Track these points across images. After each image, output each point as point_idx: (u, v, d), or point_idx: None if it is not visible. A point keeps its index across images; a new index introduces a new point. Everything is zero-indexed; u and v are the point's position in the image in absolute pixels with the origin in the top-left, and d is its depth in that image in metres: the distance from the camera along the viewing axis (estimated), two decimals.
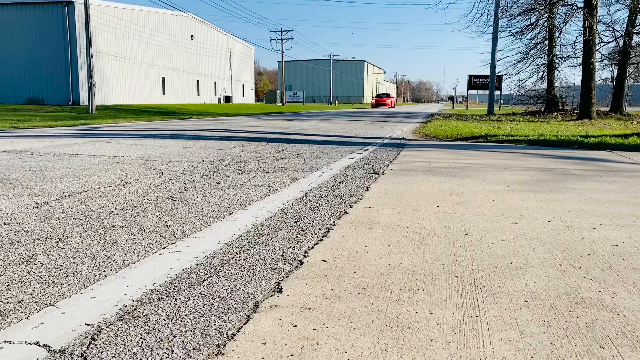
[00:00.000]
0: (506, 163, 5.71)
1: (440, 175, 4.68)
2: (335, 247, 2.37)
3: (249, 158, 5.76)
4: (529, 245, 2.43)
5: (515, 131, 10.88)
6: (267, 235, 2.55)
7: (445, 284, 1.92)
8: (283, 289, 1.84)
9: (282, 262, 2.14)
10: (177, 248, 2.30)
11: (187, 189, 3.77)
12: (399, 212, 3.13)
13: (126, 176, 4.29)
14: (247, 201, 3.36)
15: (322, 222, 2.85)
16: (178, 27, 44.64)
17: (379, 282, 1.92)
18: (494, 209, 3.23)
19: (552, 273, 2.04)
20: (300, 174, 4.61)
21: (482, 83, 36.17)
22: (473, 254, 2.30)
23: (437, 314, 1.65)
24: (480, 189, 3.94)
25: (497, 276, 2.00)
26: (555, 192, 3.87)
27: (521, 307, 1.70)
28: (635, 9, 19.14)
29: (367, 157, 6.02)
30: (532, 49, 22.86)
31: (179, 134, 9.67)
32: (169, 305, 1.68)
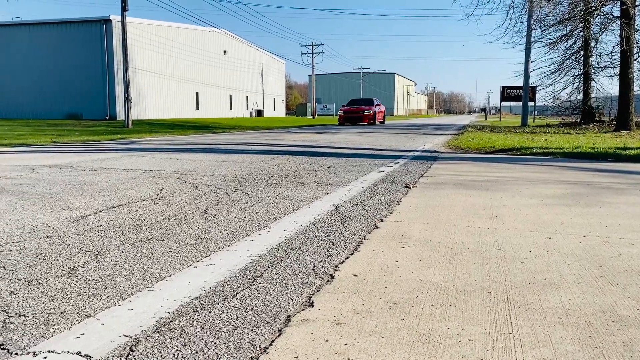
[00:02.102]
0: (540, 176, 5.61)
1: (472, 188, 4.63)
2: (366, 261, 2.38)
3: (280, 171, 5.83)
4: (563, 261, 2.39)
5: (549, 143, 10.69)
6: (298, 249, 2.58)
7: (478, 300, 1.90)
8: (314, 303, 1.86)
9: (313, 276, 2.16)
10: (211, 261, 2.35)
11: (221, 202, 3.84)
12: (431, 226, 3.12)
13: (162, 190, 4.40)
14: (279, 215, 3.40)
15: (352, 236, 2.86)
16: (211, 43, 45.56)
17: (410, 298, 1.92)
18: (527, 224, 3.18)
19: (587, 290, 2.01)
20: (330, 187, 4.64)
21: (516, 94, 35.67)
22: (506, 269, 2.27)
23: (470, 330, 1.64)
24: (513, 203, 3.89)
25: (531, 292, 1.98)
26: (592, 206, 3.79)
27: (555, 325, 1.68)
28: None
29: (397, 170, 6.01)
30: (567, 59, 22.46)
31: (212, 148, 9.84)
32: (203, 318, 1.72)
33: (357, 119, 28.10)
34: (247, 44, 53.88)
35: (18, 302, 1.84)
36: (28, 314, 1.74)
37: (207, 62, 44.53)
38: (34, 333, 1.60)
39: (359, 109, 28.40)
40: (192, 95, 42.88)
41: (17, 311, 1.76)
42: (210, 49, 45.18)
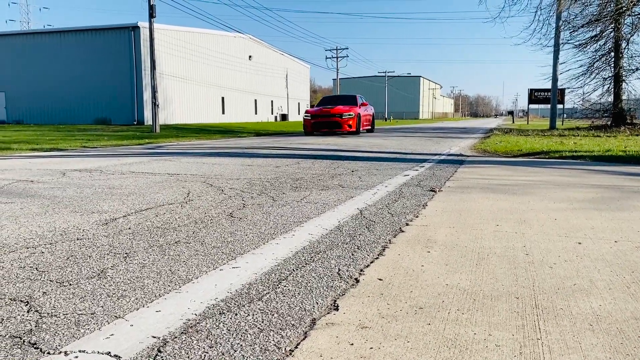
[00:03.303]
0: (569, 180, 5.51)
1: (499, 192, 4.57)
2: (391, 265, 2.37)
3: (304, 175, 5.84)
4: (593, 266, 2.34)
5: (579, 146, 10.48)
6: (323, 252, 2.59)
7: (505, 305, 1.88)
8: (339, 307, 1.86)
9: (338, 280, 2.16)
10: (237, 264, 2.37)
11: (246, 206, 3.87)
12: (457, 230, 3.09)
13: (188, 194, 4.46)
14: (303, 218, 3.41)
15: (377, 240, 2.85)
16: (237, 48, 46.02)
17: (436, 302, 1.90)
18: (556, 228, 3.13)
19: (619, 296, 1.96)
20: (355, 191, 4.63)
21: (544, 97, 35.13)
22: (534, 274, 2.24)
23: (497, 335, 1.62)
24: (541, 207, 3.82)
25: (560, 298, 1.94)
26: (623, 210, 3.70)
27: (585, 331, 1.64)
28: None
29: (423, 174, 5.97)
30: (597, 61, 22.01)
31: (238, 152, 9.93)
32: (229, 320, 1.74)
33: (332, 126, 18.15)
34: (272, 48, 54.28)
35: (50, 303, 1.89)
36: (60, 314, 1.79)
37: (233, 67, 45.00)
38: (65, 333, 1.64)
39: (334, 111, 18.25)
40: (218, 99, 43.36)
41: (49, 312, 1.81)
42: (236, 54, 45.65)
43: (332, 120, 18.13)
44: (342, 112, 18.19)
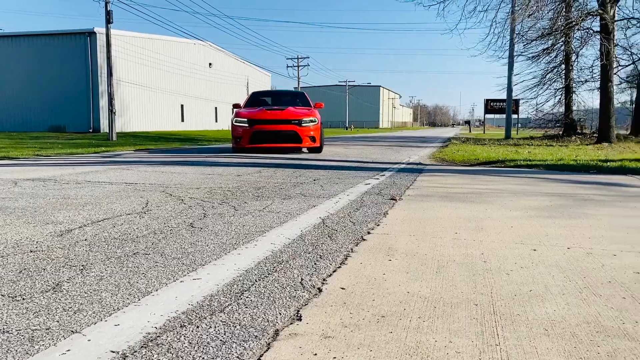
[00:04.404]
0: (524, 188, 5.68)
1: (458, 201, 4.67)
2: (354, 274, 2.39)
3: (266, 184, 5.82)
4: (548, 273, 2.42)
5: (533, 156, 10.83)
6: (285, 262, 2.58)
7: (465, 312, 1.92)
8: (302, 317, 1.86)
9: (301, 290, 2.16)
10: (198, 275, 2.34)
11: (207, 215, 3.83)
12: (417, 239, 3.14)
13: (147, 203, 4.37)
14: (265, 228, 3.40)
15: (340, 249, 2.87)
16: (197, 55, 45.57)
17: (398, 311, 1.93)
18: (512, 236, 3.22)
19: (572, 301, 2.03)
20: (317, 200, 4.65)
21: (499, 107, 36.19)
22: (492, 281, 2.29)
23: (457, 342, 1.65)
24: (498, 215, 3.93)
25: (517, 304, 2.00)
26: (575, 218, 3.84)
27: (541, 336, 1.70)
28: None
29: (383, 183, 6.05)
30: (549, 72, 22.86)
31: (198, 161, 9.81)
32: (191, 333, 1.71)
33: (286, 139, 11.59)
34: (233, 56, 53.99)
35: (2, 319, 1.81)
36: (12, 330, 1.72)
37: (192, 75, 44.51)
38: (18, 350, 1.57)
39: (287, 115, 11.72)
40: (177, 107, 42.78)
41: (1, 328, 1.74)
42: (196, 61, 45.19)
43: (286, 131, 11.31)
44: (299, 116, 11.38)
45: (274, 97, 14.48)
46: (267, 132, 11.51)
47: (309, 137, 11.60)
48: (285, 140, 11.52)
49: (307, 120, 11.67)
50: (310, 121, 11.69)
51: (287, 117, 11.61)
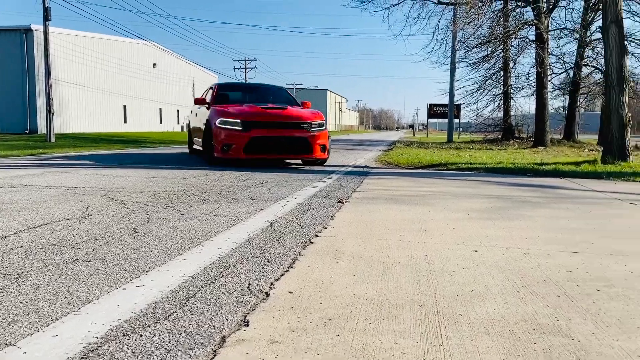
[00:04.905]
0: (466, 191, 5.86)
1: (403, 203, 4.77)
2: (301, 278, 2.40)
3: (213, 187, 5.74)
4: (488, 273, 2.51)
5: (474, 159, 11.20)
6: (232, 267, 2.56)
7: (409, 313, 1.96)
8: (250, 323, 1.85)
9: (248, 295, 2.14)
10: (142, 282, 2.28)
11: (151, 220, 3.74)
12: (364, 241, 3.18)
13: (87, 208, 4.22)
14: (212, 232, 3.35)
15: (287, 252, 2.87)
16: (140, 55, 44.40)
17: (344, 313, 1.95)
18: (455, 237, 3.32)
19: (510, 300, 2.12)
20: (265, 203, 4.63)
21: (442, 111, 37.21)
22: (435, 282, 2.36)
23: (402, 343, 1.68)
24: (441, 217, 4.04)
25: (459, 304, 2.06)
26: (513, 219, 4.00)
27: (482, 335, 1.76)
28: (583, 42, 20.16)
29: (331, 186, 6.09)
30: (489, 79, 23.73)
31: (142, 163, 9.55)
32: (134, 342, 1.67)
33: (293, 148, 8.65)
34: (178, 57, 52.96)
35: None
36: None
37: (136, 75, 43.34)
38: None
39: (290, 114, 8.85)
40: (120, 108, 41.52)
41: None
42: (139, 62, 44.03)
43: (295, 137, 8.55)
44: (307, 118, 8.80)
45: (247, 91, 11.35)
46: (269, 138, 8.39)
47: (320, 146, 8.79)
48: (292, 150, 8.55)
49: (317, 124, 8.89)
50: (319, 125, 8.93)
51: (294, 120, 8.67)
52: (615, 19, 8.96)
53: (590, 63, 21.69)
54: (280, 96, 10.95)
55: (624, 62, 9.01)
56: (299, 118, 8.80)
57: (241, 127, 8.37)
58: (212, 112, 9.03)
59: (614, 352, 1.64)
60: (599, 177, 7.52)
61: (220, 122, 8.53)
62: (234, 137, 8.38)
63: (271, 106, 9.19)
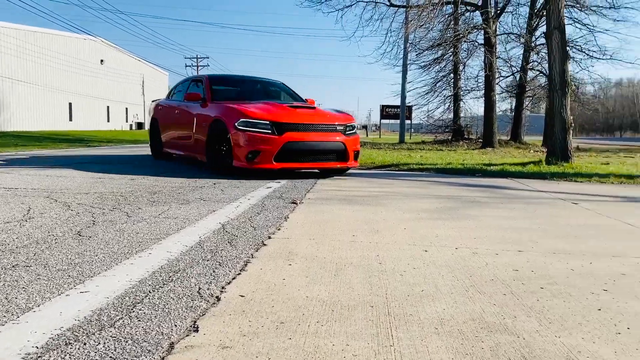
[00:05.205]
0: (417, 191, 5.97)
1: (355, 203, 4.80)
2: (254, 280, 2.37)
3: (162, 188, 5.61)
4: (438, 273, 2.56)
5: (425, 159, 11.42)
6: (182, 271, 2.50)
7: (361, 314, 1.97)
8: (199, 328, 1.81)
9: (198, 299, 2.10)
10: (86, 288, 2.19)
11: (97, 223, 3.61)
12: (317, 242, 3.18)
13: (29, 210, 4.04)
14: (161, 235, 3.27)
15: (239, 255, 2.83)
16: (87, 51, 42.97)
17: (297, 316, 1.93)
18: (405, 237, 3.36)
19: (459, 299, 2.16)
20: (217, 204, 4.56)
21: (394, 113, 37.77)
22: (386, 282, 2.38)
23: (353, 345, 1.69)
24: (393, 218, 4.09)
25: (409, 304, 2.09)
26: (462, 219, 4.10)
27: (432, 335, 1.78)
28: (529, 47, 20.92)
29: (285, 186, 6.06)
30: (439, 81, 24.25)
31: (87, 163, 9.24)
32: (77, 351, 1.60)
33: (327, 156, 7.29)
34: (127, 53, 51.57)
35: None
36: None
37: (82, 72, 41.91)
38: None
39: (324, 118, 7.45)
40: (65, 105, 40.04)
41: None
42: (86, 58, 42.60)
43: (331, 143, 7.30)
44: (341, 120, 7.60)
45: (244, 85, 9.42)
46: (305, 144, 6.98)
47: (354, 152, 7.59)
48: (327, 157, 7.27)
49: (350, 127, 7.66)
50: (352, 128, 7.72)
51: (330, 121, 7.41)
52: (558, 25, 9.33)
53: (535, 67, 22.57)
54: (282, 93, 9.44)
55: (566, 66, 9.39)
56: (333, 119, 7.49)
57: (271, 130, 6.80)
58: (222, 110, 7.37)
59: (556, 348, 1.69)
60: (544, 177, 7.82)
61: (243, 124, 6.86)
62: (263, 142, 6.74)
63: (297, 104, 7.88)
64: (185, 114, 8.64)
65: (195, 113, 8.14)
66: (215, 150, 7.41)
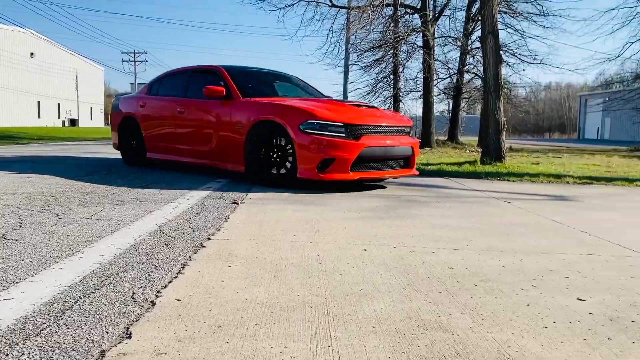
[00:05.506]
0: (357, 191, 6.03)
1: (297, 203, 4.80)
2: (191, 284, 2.31)
3: (96, 188, 5.40)
4: (377, 272, 2.59)
5: None
6: (115, 275, 2.41)
7: (300, 315, 1.96)
8: (132, 334, 1.74)
9: (132, 305, 2.03)
10: (10, 295, 2.07)
11: (23, 225, 3.42)
12: (257, 243, 3.15)
13: None
14: (94, 237, 3.14)
15: (177, 257, 2.76)
16: (15, 44, 40.75)
17: (235, 319, 1.91)
18: (346, 237, 3.39)
19: (397, 298, 2.20)
20: (154, 205, 4.43)
21: None
22: (326, 282, 2.39)
23: (292, 347, 1.68)
24: (334, 217, 4.11)
25: (348, 304, 2.10)
26: (401, 218, 4.18)
27: (369, 334, 1.80)
28: (465, 50, 21.64)
29: (226, 186, 5.98)
30: (380, 82, 24.60)
31: (15, 162, 8.75)
32: None
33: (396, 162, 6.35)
34: (59, 47, 49.33)
35: None
36: None
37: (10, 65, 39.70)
38: None
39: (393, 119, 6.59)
40: None
41: None
42: (14, 50, 40.39)
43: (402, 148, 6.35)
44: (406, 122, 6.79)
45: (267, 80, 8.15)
46: (381, 150, 6.06)
47: (416, 157, 6.80)
48: (396, 165, 6.39)
49: (410, 129, 6.84)
50: (410, 129, 6.82)
51: (398, 123, 6.55)
52: (492, 30, 9.69)
53: (471, 70, 23.35)
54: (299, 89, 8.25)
55: (499, 70, 9.77)
56: (401, 120, 6.67)
57: (345, 134, 5.76)
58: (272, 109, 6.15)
59: (487, 344, 1.75)
60: (479, 176, 8.10)
61: (310, 126, 5.73)
62: (338, 149, 5.68)
63: (357, 103, 7.06)
64: (196, 112, 7.15)
65: (218, 111, 6.72)
66: (260, 158, 6.12)
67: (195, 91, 7.30)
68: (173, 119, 7.53)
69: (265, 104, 6.36)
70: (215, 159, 6.81)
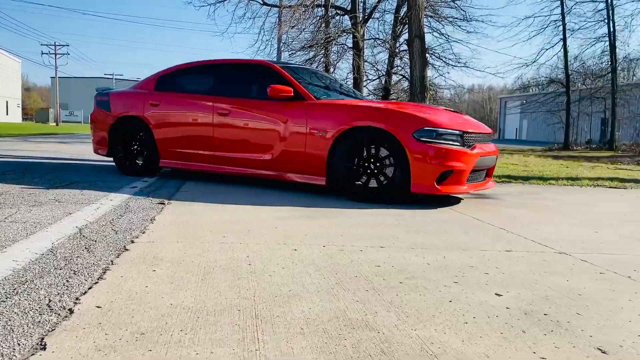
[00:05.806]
0: (289, 190, 6.02)
1: (227, 202, 4.73)
2: (112, 289, 2.22)
3: (10, 189, 5.07)
4: (306, 271, 2.60)
5: None
6: (30, 281, 2.27)
7: (228, 319, 1.94)
8: (47, 345, 1.65)
9: (47, 313, 1.92)
10: None
11: None
12: (185, 245, 3.08)
13: None
14: (7, 242, 2.95)
15: (98, 262, 2.64)
16: None
17: (159, 325, 1.85)
18: (276, 237, 3.38)
19: (325, 297, 2.22)
20: (74, 206, 4.22)
21: None
22: (255, 284, 2.37)
23: (218, 352, 1.65)
24: (265, 217, 4.09)
25: (277, 305, 2.10)
26: (331, 217, 4.22)
27: (297, 335, 1.80)
28: (393, 52, 22.19)
29: (153, 185, 5.79)
30: None
31: None
32: None
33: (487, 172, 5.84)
34: None
35: None
36: None
37: None
38: None
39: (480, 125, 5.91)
40: None
41: None
42: None
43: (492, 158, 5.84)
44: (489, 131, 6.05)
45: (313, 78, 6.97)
46: (488, 160, 5.69)
47: None
48: (486, 173, 5.88)
49: None
50: None
51: (489, 130, 6.03)
52: (419, 33, 10.00)
53: (399, 71, 23.98)
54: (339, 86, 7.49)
55: (425, 72, 10.11)
56: (486, 128, 6.00)
57: (460, 143, 5.14)
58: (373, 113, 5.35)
59: (412, 341, 1.81)
60: None
61: (427, 135, 5.01)
62: (457, 159, 5.07)
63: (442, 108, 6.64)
64: (249, 115, 5.97)
65: (284, 114, 5.69)
66: (352, 169, 5.29)
67: (241, 89, 6.34)
68: (210, 121, 6.22)
69: (357, 106, 5.66)
70: (280, 169, 5.75)
